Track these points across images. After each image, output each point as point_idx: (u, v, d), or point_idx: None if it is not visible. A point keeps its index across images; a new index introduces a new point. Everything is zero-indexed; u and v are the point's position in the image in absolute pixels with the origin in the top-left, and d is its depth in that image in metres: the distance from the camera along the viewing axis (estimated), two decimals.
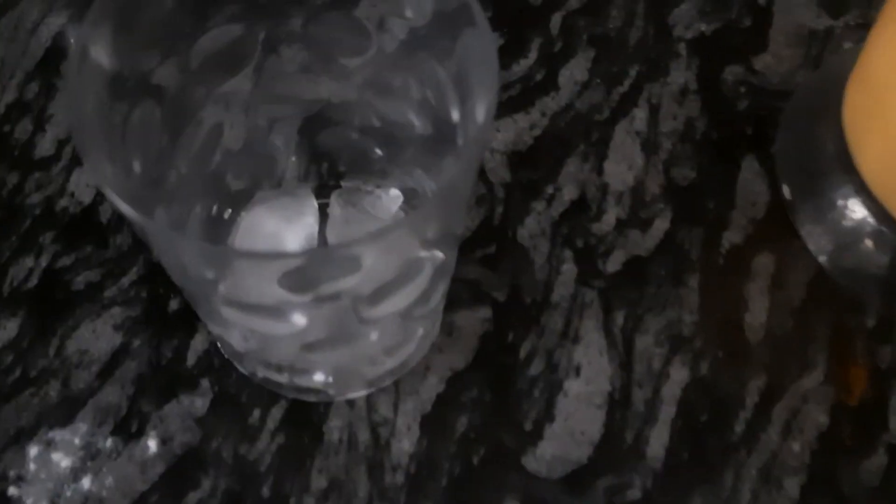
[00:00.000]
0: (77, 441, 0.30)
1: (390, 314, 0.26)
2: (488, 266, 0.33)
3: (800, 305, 0.33)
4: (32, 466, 0.30)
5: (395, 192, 0.33)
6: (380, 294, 0.24)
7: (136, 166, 0.26)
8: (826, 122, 0.33)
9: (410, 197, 0.33)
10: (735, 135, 0.36)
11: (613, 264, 0.33)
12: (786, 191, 0.34)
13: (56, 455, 0.30)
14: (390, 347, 0.29)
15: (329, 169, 0.34)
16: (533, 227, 0.34)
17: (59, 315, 0.32)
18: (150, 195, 0.27)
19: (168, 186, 0.29)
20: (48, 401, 0.31)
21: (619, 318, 0.32)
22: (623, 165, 0.35)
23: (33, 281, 0.33)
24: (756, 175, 0.35)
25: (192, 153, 0.30)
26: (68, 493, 0.30)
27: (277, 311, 0.24)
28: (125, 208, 0.20)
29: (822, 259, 0.33)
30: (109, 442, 0.30)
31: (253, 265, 0.21)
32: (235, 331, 0.26)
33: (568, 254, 0.34)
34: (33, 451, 0.30)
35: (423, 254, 0.25)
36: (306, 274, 0.22)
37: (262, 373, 0.30)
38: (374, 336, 0.27)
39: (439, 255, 0.26)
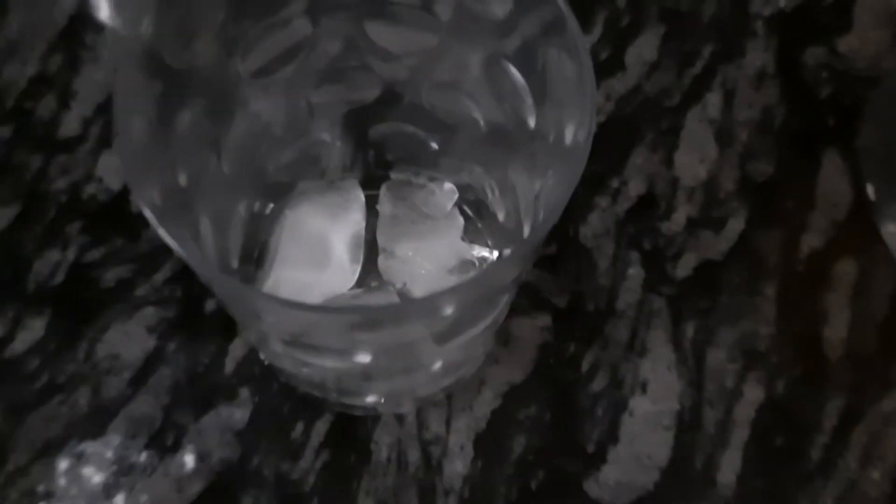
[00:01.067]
0: (109, 455, 0.28)
1: (463, 343, 0.24)
2: (547, 269, 0.31)
3: (883, 319, 0.30)
4: (62, 482, 0.28)
5: (449, 187, 0.31)
6: (455, 331, 0.22)
7: (182, 179, 0.24)
8: None
9: (465, 192, 0.30)
10: (816, 126, 0.33)
11: (684, 269, 0.31)
12: (870, 190, 0.32)
13: (87, 470, 0.28)
14: (450, 368, 0.27)
15: (376, 158, 0.31)
16: (596, 226, 0.31)
17: (88, 315, 0.30)
18: (194, 205, 0.24)
19: (213, 188, 0.26)
20: (78, 410, 0.29)
21: (690, 329, 0.30)
22: (695, 157, 0.32)
23: (60, 277, 0.30)
24: (838, 172, 0.32)
25: (236, 146, 0.27)
26: None
27: (342, 352, 0.22)
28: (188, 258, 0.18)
29: None
30: (144, 456, 0.28)
31: (323, 320, 0.19)
32: (288, 360, 0.24)
33: (634, 256, 0.31)
34: (63, 464, 0.28)
35: (509, 287, 0.22)
36: (380, 324, 0.19)
37: (304, 388, 0.28)
38: (438, 365, 0.25)
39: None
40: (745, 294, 0.31)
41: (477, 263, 0.29)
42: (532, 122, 0.24)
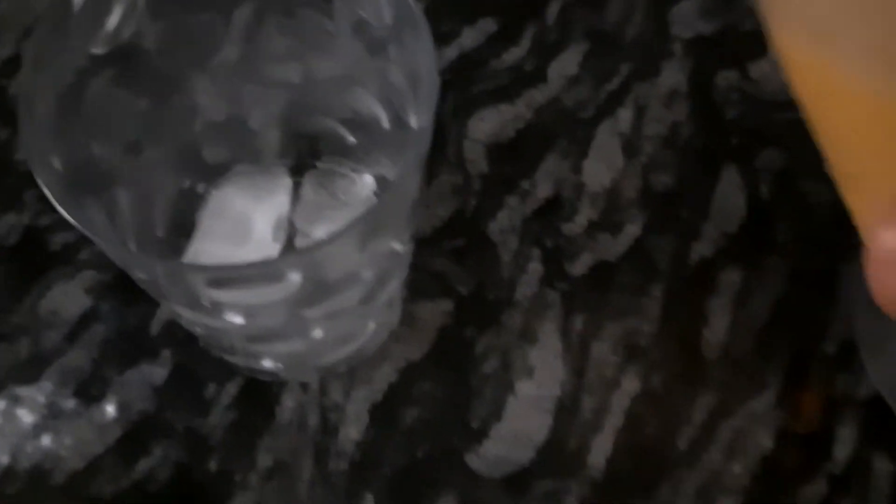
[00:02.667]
0: (41, 399, 0.32)
1: (332, 312, 0.27)
2: (456, 259, 0.34)
3: (761, 326, 0.33)
4: None
5: (368, 179, 0.33)
6: (316, 298, 0.25)
7: (97, 150, 0.27)
8: None
9: (382, 184, 0.33)
10: (719, 144, 0.35)
11: (580, 268, 0.33)
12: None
13: (21, 411, 0.32)
14: (339, 339, 0.30)
15: (308, 147, 0.34)
16: (504, 223, 0.34)
17: (35, 274, 0.33)
18: (105, 177, 0.27)
19: (141, 164, 0.29)
20: (18, 357, 0.32)
21: (579, 322, 0.33)
22: (602, 166, 0.35)
23: (14, 238, 0.34)
24: (735, 188, 0.34)
25: (171, 126, 0.30)
26: (28, 449, 0.31)
27: (212, 311, 0.25)
28: (56, 203, 0.21)
29: None
30: (72, 403, 0.32)
31: (180, 272, 0.22)
32: (183, 319, 0.27)
33: (536, 253, 0.34)
34: (0, 404, 0.32)
35: (363, 264, 0.25)
36: (234, 283, 0.22)
37: (216, 352, 0.31)
38: (318, 332, 0.28)
39: (383, 259, 0.26)
40: (633, 294, 0.33)
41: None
42: (413, 121, 0.27)
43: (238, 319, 0.25)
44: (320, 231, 0.32)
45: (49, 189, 0.22)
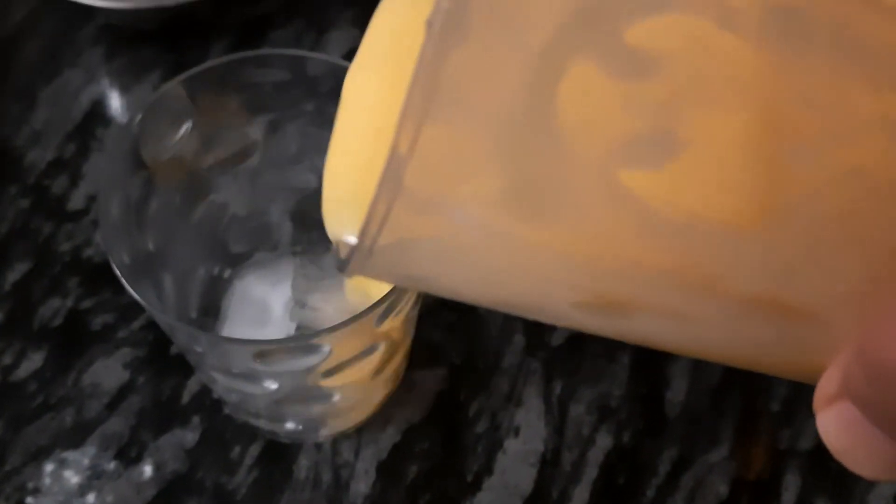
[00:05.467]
0: (85, 462, 0.36)
1: (348, 383, 0.31)
2: (449, 331, 0.38)
3: (715, 386, 0.37)
4: (47, 481, 0.35)
5: None
6: (336, 369, 0.29)
7: (151, 246, 0.31)
8: None
9: None
10: None
11: (558, 338, 0.38)
12: None
13: (67, 473, 0.36)
14: (353, 405, 0.34)
15: (318, 235, 0.39)
16: None
17: (78, 351, 0.38)
18: (157, 266, 0.32)
19: (178, 255, 0.34)
20: (64, 425, 0.36)
21: (558, 387, 0.37)
22: None
23: (59, 320, 0.38)
24: None
25: (201, 222, 0.35)
26: None
27: (253, 377, 0.29)
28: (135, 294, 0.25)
29: None
30: (112, 465, 0.36)
31: (233, 348, 0.26)
32: (220, 386, 0.32)
33: (519, 325, 0.39)
34: (49, 467, 0.36)
35: (378, 339, 0.30)
36: (275, 354, 0.27)
37: (242, 417, 0.35)
38: (336, 397, 0.32)
39: (393, 336, 0.31)
40: (604, 361, 0.38)
41: None
42: None
43: (273, 385, 0.29)
44: (315, 298, 0.37)
45: (123, 276, 0.26)
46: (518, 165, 0.18)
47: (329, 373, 0.29)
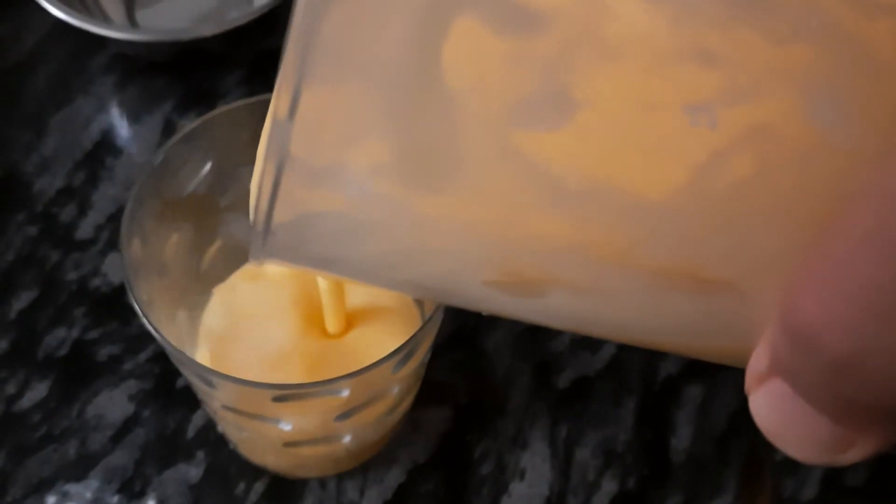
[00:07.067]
0: (88, 495, 0.36)
1: (359, 425, 0.31)
2: (456, 371, 0.38)
3: (720, 434, 0.38)
4: None
5: None
6: (352, 412, 0.29)
7: (167, 282, 0.31)
8: None
9: None
10: None
11: (564, 381, 0.38)
12: None
13: None
14: (364, 444, 0.34)
15: None
16: (499, 340, 0.39)
17: (83, 382, 0.37)
18: (174, 300, 0.32)
19: (191, 287, 0.34)
20: (67, 457, 0.36)
21: (564, 430, 0.37)
22: None
23: (64, 350, 0.38)
24: None
25: (215, 256, 0.35)
26: None
27: (269, 419, 0.29)
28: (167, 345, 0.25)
29: None
30: (115, 499, 0.35)
31: (252, 391, 0.26)
32: (231, 426, 0.32)
33: (526, 367, 0.39)
34: (51, 500, 0.35)
35: (393, 383, 0.30)
36: (295, 397, 0.27)
37: (247, 455, 0.35)
38: (347, 438, 0.32)
39: (408, 380, 0.31)
40: (610, 405, 0.38)
41: None
42: None
43: (288, 426, 0.29)
44: None
45: (141, 311, 0.26)
46: (406, 127, 0.17)
47: (344, 416, 0.29)
